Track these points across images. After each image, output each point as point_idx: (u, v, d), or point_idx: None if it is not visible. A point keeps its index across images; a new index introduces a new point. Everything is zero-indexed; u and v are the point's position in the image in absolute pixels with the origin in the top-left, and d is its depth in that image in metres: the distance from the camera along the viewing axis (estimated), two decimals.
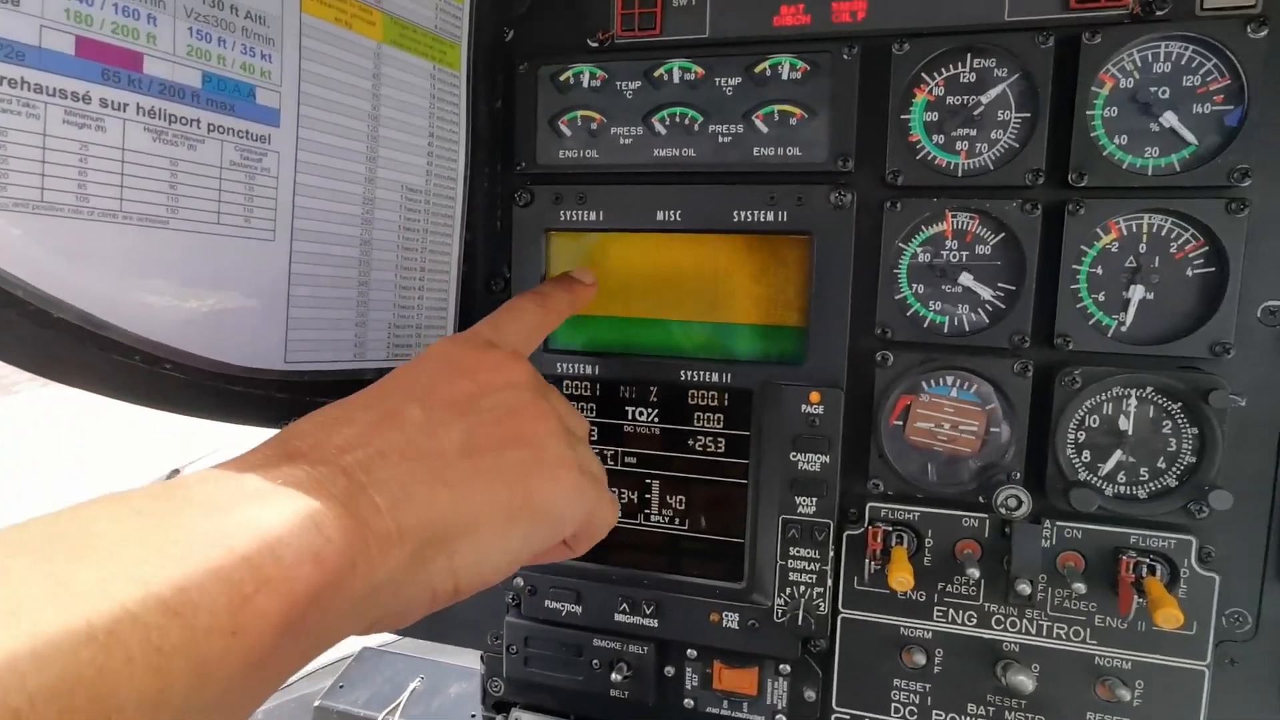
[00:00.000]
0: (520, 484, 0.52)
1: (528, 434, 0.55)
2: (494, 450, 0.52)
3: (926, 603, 0.81)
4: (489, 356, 0.58)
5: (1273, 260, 0.71)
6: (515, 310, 0.69)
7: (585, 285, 0.78)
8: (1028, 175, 0.75)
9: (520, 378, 0.58)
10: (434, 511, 0.47)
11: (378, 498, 0.44)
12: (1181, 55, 0.71)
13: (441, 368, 0.56)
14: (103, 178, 0.56)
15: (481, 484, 0.50)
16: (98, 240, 0.57)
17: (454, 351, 0.58)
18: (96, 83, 0.55)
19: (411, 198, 0.82)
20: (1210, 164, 0.70)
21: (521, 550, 0.53)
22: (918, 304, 0.80)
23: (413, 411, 0.51)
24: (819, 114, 0.81)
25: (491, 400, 0.55)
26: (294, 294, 0.71)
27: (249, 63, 0.65)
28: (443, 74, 0.84)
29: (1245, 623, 0.75)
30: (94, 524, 0.34)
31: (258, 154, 0.66)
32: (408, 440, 0.49)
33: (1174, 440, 0.74)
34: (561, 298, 0.75)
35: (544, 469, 0.54)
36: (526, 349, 0.68)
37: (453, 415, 0.52)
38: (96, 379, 0.58)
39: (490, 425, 0.53)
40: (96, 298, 0.57)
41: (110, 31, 0.56)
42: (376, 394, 0.53)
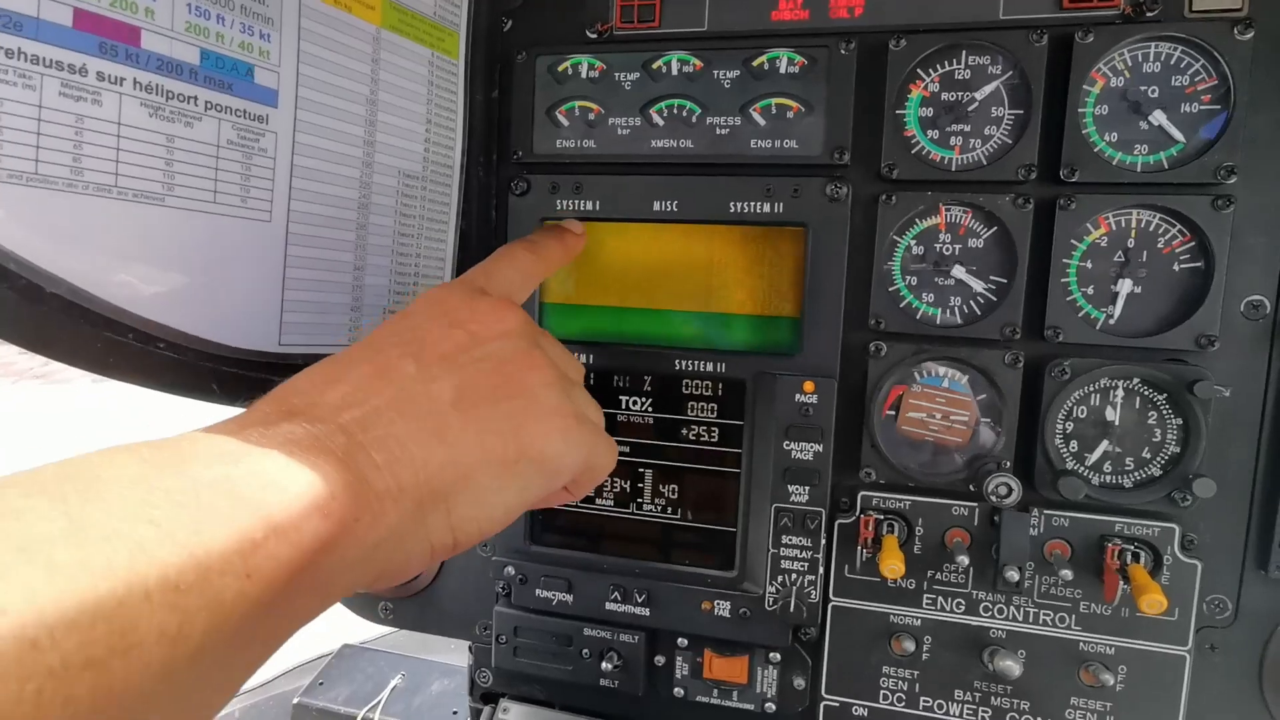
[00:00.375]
0: (514, 434, 0.52)
1: (521, 383, 0.55)
2: (488, 401, 0.52)
3: (916, 591, 0.82)
4: (481, 305, 0.58)
5: (1256, 255, 0.73)
6: (507, 256, 0.69)
7: (575, 235, 0.79)
8: (1020, 170, 0.76)
9: (512, 326, 0.57)
10: (430, 468, 0.47)
11: (376, 455, 0.45)
12: (1171, 55, 0.73)
13: (433, 318, 0.56)
14: (98, 152, 0.55)
15: (475, 436, 0.50)
16: (92, 215, 0.56)
17: (446, 300, 0.58)
18: (94, 55, 0.54)
19: (408, 184, 0.81)
20: (1197, 162, 0.72)
21: (518, 500, 0.54)
22: (911, 296, 0.81)
23: (405, 365, 0.51)
24: (815, 108, 0.82)
25: (484, 350, 0.55)
26: (289, 276, 0.70)
27: (248, 41, 0.64)
28: (441, 61, 0.84)
29: (1225, 609, 0.77)
30: (104, 469, 0.34)
31: (255, 134, 0.66)
32: (402, 395, 0.49)
33: (1159, 430, 0.76)
34: (553, 245, 0.75)
35: (538, 418, 0.54)
36: (519, 296, 0.68)
37: (445, 368, 0.52)
38: (88, 356, 0.57)
39: (483, 376, 0.53)
40: (90, 274, 0.56)
41: (109, 4, 0.55)
42: (369, 347, 0.53)
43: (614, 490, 0.90)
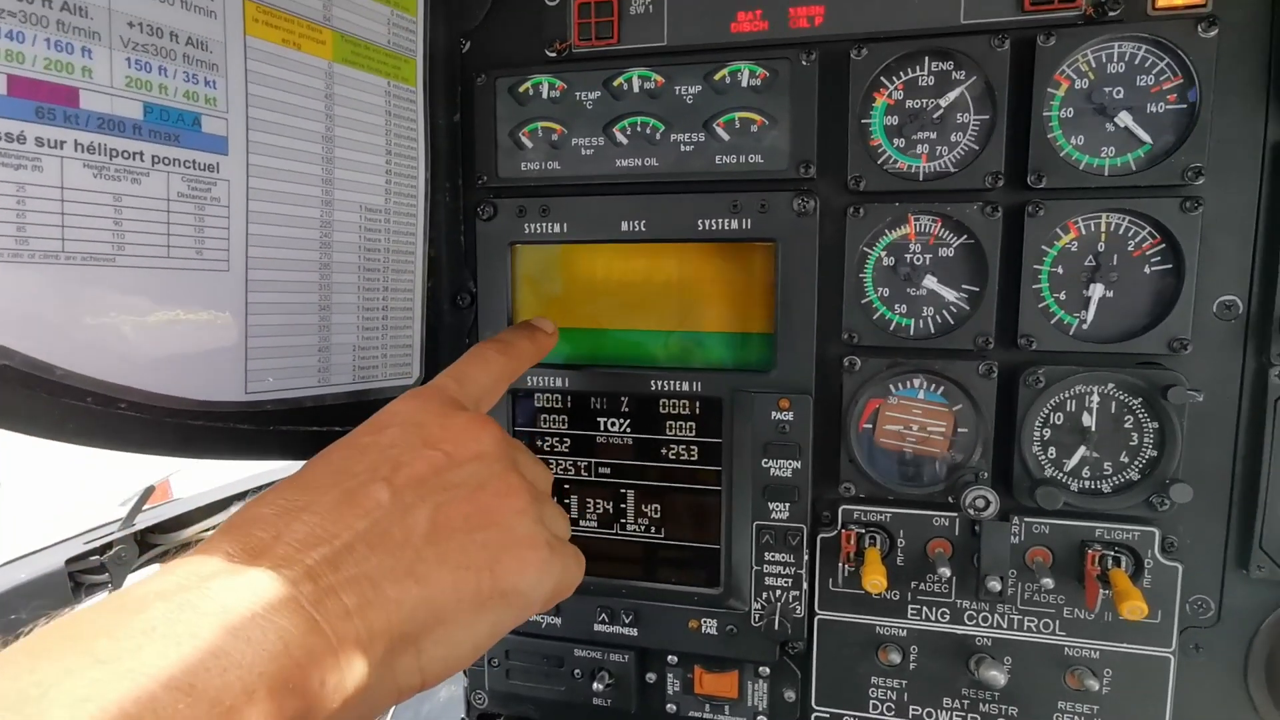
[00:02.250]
0: (488, 569, 0.51)
1: (496, 512, 0.53)
2: (462, 532, 0.51)
3: (900, 601, 0.82)
4: (455, 423, 0.56)
5: (1226, 256, 0.72)
6: (480, 360, 0.68)
7: (547, 334, 0.77)
8: (987, 178, 0.75)
9: (488, 447, 0.56)
10: (403, 610, 0.46)
11: (346, 599, 0.43)
12: (1135, 55, 0.72)
13: (406, 436, 0.54)
14: (43, 219, 0.55)
15: (450, 573, 0.49)
16: (41, 283, 0.55)
17: (419, 416, 0.56)
18: (31, 121, 0.53)
19: (371, 217, 0.80)
20: (1165, 163, 0.71)
21: (489, 636, 0.53)
22: (884, 308, 0.80)
23: (378, 492, 0.49)
24: (780, 120, 0.80)
25: (459, 475, 0.53)
26: (252, 324, 0.69)
27: (193, 90, 0.63)
28: (398, 89, 0.82)
29: (1208, 609, 0.77)
30: (49, 678, 0.33)
31: (206, 183, 0.65)
32: (374, 527, 0.47)
33: (1135, 435, 0.75)
34: (524, 345, 0.73)
35: (512, 550, 0.53)
36: (492, 399, 0.67)
37: (419, 495, 0.50)
38: (48, 425, 0.57)
39: (458, 503, 0.52)
40: (43, 341, 0.55)
41: (43, 68, 0.54)
42: (339, 467, 0.51)
43: (597, 511, 0.90)
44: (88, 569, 1.09)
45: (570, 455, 0.90)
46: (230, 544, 0.43)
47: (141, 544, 1.27)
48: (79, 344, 0.57)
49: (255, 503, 0.48)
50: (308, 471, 0.51)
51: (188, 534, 1.37)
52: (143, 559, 1.29)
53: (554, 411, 0.90)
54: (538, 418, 0.90)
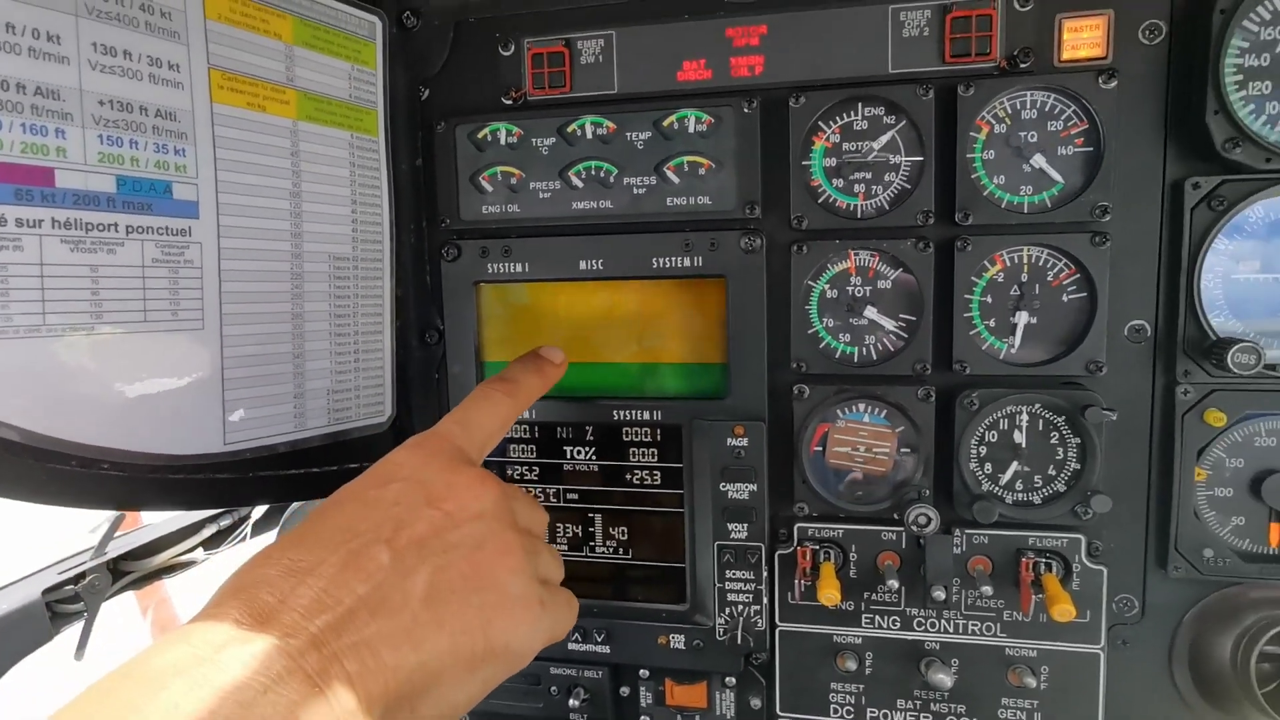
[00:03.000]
0: (483, 631, 0.53)
1: (492, 573, 0.55)
2: (460, 594, 0.52)
3: (855, 612, 0.88)
4: (459, 480, 0.57)
5: (1134, 284, 0.79)
6: (486, 403, 0.68)
7: (555, 365, 0.77)
8: (919, 215, 0.81)
9: (488, 506, 0.57)
10: (400, 675, 0.48)
11: (348, 665, 0.45)
12: (1045, 103, 0.78)
13: (410, 494, 0.55)
14: (24, 294, 0.57)
15: (447, 637, 0.51)
16: (24, 356, 0.58)
17: (424, 472, 0.57)
18: (10, 204, 0.56)
19: (339, 265, 0.84)
20: (1075, 202, 0.77)
21: (480, 692, 0.54)
22: (829, 337, 0.86)
23: (379, 555, 0.50)
24: (726, 164, 0.85)
25: (458, 535, 0.55)
26: (228, 377, 0.72)
27: (163, 160, 0.66)
28: (361, 140, 0.86)
29: (1133, 607, 0.83)
30: None
31: (179, 247, 0.68)
32: (375, 592, 0.49)
33: (1061, 450, 0.82)
34: (532, 382, 0.74)
35: (506, 610, 0.55)
36: (496, 440, 0.68)
37: (419, 556, 0.52)
38: (33, 489, 0.60)
39: (456, 564, 0.53)
40: (28, 411, 0.58)
41: (20, 151, 0.56)
42: (344, 524, 0.53)
43: (567, 535, 0.94)
44: (62, 599, 1.10)
45: (539, 483, 0.94)
46: (239, 608, 0.45)
47: (114, 572, 1.28)
48: (61, 410, 0.60)
49: (262, 560, 0.49)
50: (313, 527, 0.53)
51: (159, 560, 1.38)
52: (116, 586, 1.29)
53: (522, 441, 0.94)
54: (507, 448, 0.94)
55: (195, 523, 1.42)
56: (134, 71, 0.62)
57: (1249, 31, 0.72)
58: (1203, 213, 0.75)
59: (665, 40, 0.86)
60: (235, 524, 1.52)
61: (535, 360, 0.77)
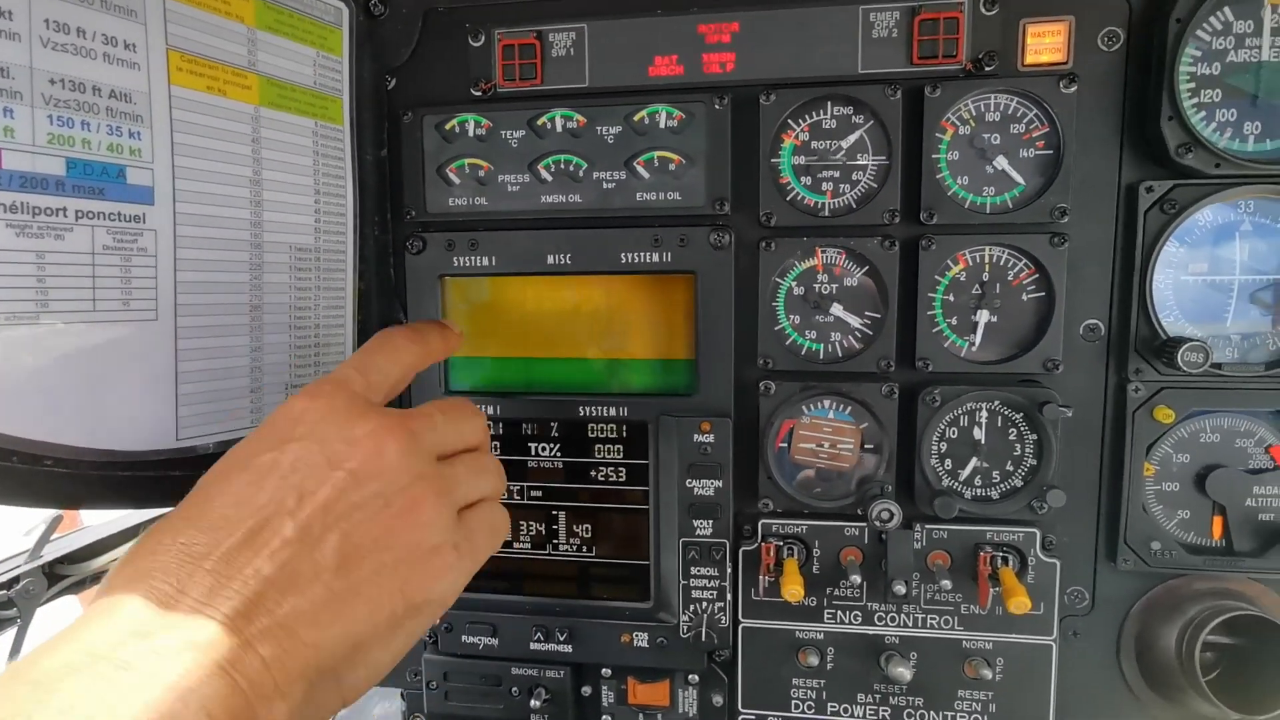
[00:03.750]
0: (401, 590, 0.51)
1: (403, 529, 0.52)
2: (372, 556, 0.50)
3: (817, 607, 0.89)
4: (359, 434, 0.53)
5: (1090, 285, 0.81)
6: (388, 347, 0.64)
7: (455, 334, 0.75)
8: (885, 214, 0.82)
9: (391, 460, 0.53)
10: (322, 650, 0.46)
11: (262, 650, 0.43)
12: (1008, 106, 0.80)
13: (309, 455, 0.51)
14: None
15: (363, 605, 0.49)
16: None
17: (323, 428, 0.53)
18: None
19: (301, 257, 0.82)
20: (1035, 203, 0.79)
21: (405, 647, 0.53)
22: (795, 334, 0.87)
23: (283, 528, 0.47)
24: (696, 160, 0.86)
25: (363, 495, 0.51)
26: (182, 370, 0.70)
27: (117, 143, 0.63)
28: (325, 129, 0.84)
29: (1083, 599, 0.86)
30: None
31: (132, 235, 0.65)
32: (283, 570, 0.46)
33: (1018, 446, 0.84)
34: (435, 338, 0.70)
35: (421, 565, 0.53)
36: (396, 389, 0.64)
37: (325, 525, 0.49)
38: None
39: (364, 526, 0.50)
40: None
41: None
42: (239, 497, 0.49)
43: (530, 533, 0.93)
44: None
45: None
46: (134, 596, 0.42)
47: (50, 576, 1.23)
48: (2, 403, 0.57)
49: (152, 545, 0.46)
50: (205, 501, 0.49)
51: (99, 563, 1.33)
52: (52, 591, 1.24)
53: None
54: None
55: (138, 524, 1.37)
56: (88, 50, 0.60)
57: (1202, 41, 0.75)
58: (1156, 216, 0.78)
59: (637, 35, 0.86)
60: None
61: (438, 322, 0.75)
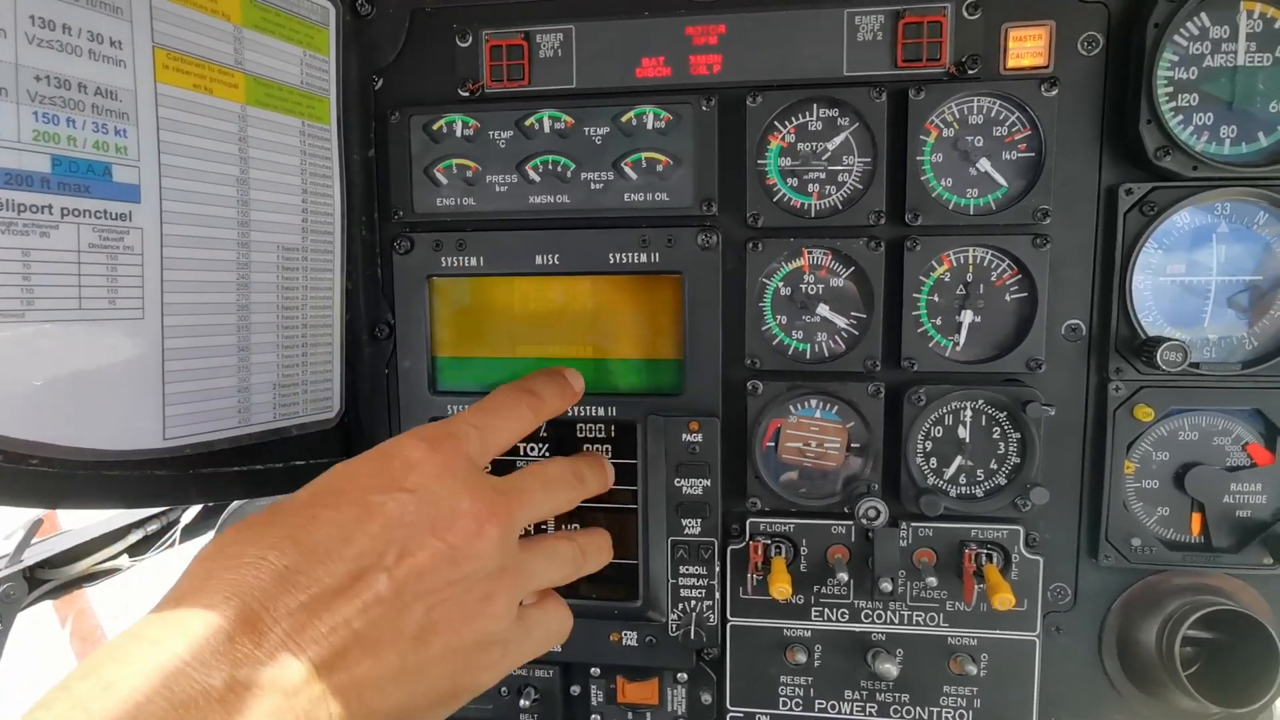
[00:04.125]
0: (454, 677, 0.52)
1: (474, 618, 0.53)
2: (445, 635, 0.51)
3: (805, 605, 0.89)
4: (465, 509, 0.54)
5: (1072, 286, 0.83)
6: (509, 413, 0.65)
7: (574, 392, 0.75)
8: (871, 215, 0.83)
9: (491, 546, 0.54)
10: (376, 716, 0.47)
11: (332, 706, 0.44)
12: (991, 109, 0.81)
13: (418, 515, 0.51)
14: None
15: (424, 684, 0.50)
16: None
17: (433, 488, 0.53)
18: None
19: (288, 256, 0.81)
20: (1018, 205, 0.81)
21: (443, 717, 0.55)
22: (782, 334, 0.87)
23: (378, 583, 0.48)
24: (684, 161, 0.86)
25: (456, 573, 0.52)
26: (169, 369, 0.69)
27: (103, 140, 0.63)
28: (313, 129, 0.84)
29: (1066, 595, 0.87)
30: None
31: (119, 233, 0.65)
32: (370, 628, 0.47)
33: (1002, 445, 0.85)
34: (555, 403, 0.71)
35: (479, 657, 0.54)
36: (506, 449, 0.65)
37: (416, 594, 0.49)
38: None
39: (447, 605, 0.51)
40: None
41: None
42: (340, 534, 0.49)
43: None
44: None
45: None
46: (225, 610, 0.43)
47: (31, 580, 1.22)
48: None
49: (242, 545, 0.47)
50: (304, 521, 0.49)
51: (80, 568, 1.31)
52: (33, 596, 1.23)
53: None
54: None
55: (119, 529, 1.35)
56: (74, 47, 0.59)
57: (1179, 46, 0.76)
58: (1135, 217, 0.79)
59: (625, 36, 0.86)
60: (163, 529, 1.46)
61: (561, 380, 0.74)
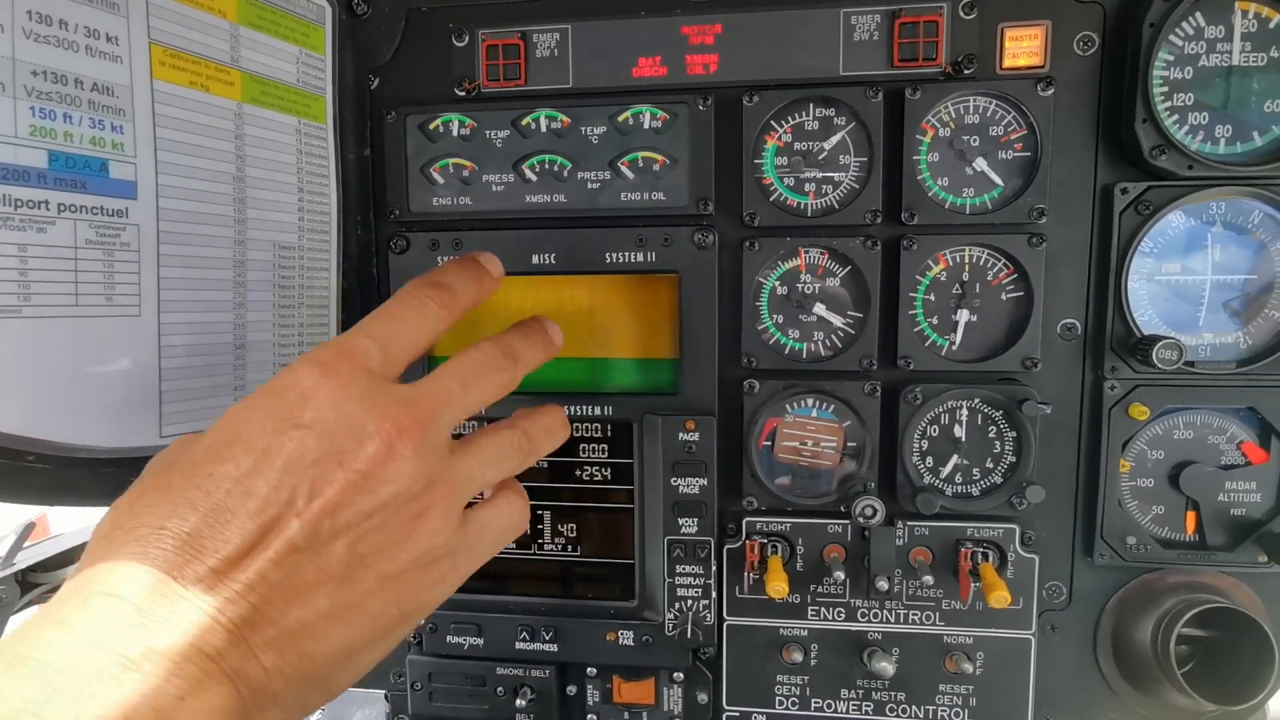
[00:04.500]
0: (399, 601, 0.50)
1: (408, 539, 0.50)
2: (376, 564, 0.48)
3: (801, 604, 0.89)
4: (371, 430, 0.48)
5: (1068, 284, 0.83)
6: (413, 313, 0.57)
7: (493, 279, 0.65)
8: (867, 214, 0.83)
9: (404, 464, 0.49)
10: (318, 660, 0.45)
11: (265, 660, 0.43)
12: (987, 109, 0.81)
13: (317, 449, 0.47)
14: None
15: (364, 617, 0.48)
16: None
17: (333, 415, 0.48)
18: None
19: (285, 255, 0.81)
20: (1014, 204, 0.81)
21: (392, 648, 0.52)
22: (779, 333, 0.87)
23: (289, 529, 0.45)
24: (680, 160, 0.86)
25: (373, 500, 0.48)
26: (165, 367, 0.69)
27: (99, 136, 0.63)
28: (309, 127, 0.83)
29: (1061, 594, 0.87)
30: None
31: (115, 229, 0.65)
32: (290, 577, 0.44)
33: (998, 444, 0.85)
34: (469, 292, 0.62)
35: (420, 574, 0.51)
36: (416, 358, 0.58)
37: (334, 529, 0.46)
38: None
39: (370, 534, 0.48)
40: None
41: None
42: (239, 485, 0.45)
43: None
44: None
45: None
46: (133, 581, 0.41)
47: (23, 584, 1.21)
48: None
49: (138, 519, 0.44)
50: (200, 479, 0.46)
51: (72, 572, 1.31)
52: (25, 600, 1.22)
53: None
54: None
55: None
56: (70, 42, 0.59)
57: (1174, 45, 0.77)
58: (1130, 216, 0.79)
59: (621, 36, 0.86)
60: None
61: (473, 266, 0.64)
